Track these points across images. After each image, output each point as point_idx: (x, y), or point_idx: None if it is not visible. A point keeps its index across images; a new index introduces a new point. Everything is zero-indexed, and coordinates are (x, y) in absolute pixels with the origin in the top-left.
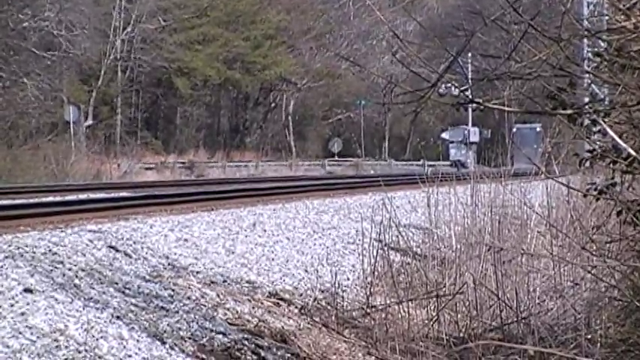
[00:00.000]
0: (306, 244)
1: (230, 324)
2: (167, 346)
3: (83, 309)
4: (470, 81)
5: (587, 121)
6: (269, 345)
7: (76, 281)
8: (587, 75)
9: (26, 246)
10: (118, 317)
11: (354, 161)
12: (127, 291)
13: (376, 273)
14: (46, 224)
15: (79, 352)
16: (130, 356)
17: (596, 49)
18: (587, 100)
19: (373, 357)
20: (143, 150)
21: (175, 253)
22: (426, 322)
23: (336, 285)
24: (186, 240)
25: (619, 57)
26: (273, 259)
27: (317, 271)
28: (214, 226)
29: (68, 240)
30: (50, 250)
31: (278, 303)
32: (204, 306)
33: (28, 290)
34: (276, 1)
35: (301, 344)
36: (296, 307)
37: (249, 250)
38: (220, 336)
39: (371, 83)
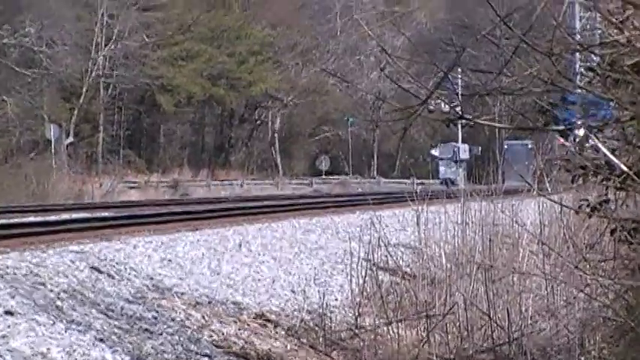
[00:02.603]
0: (293, 264)
1: (216, 346)
2: None
3: (65, 331)
4: (460, 97)
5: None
6: None
7: (58, 303)
8: (579, 90)
9: (7, 267)
10: (101, 340)
11: (342, 179)
12: (110, 313)
13: (365, 293)
14: (27, 245)
15: None
16: None
17: (588, 64)
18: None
19: None
20: (126, 169)
21: (159, 274)
22: (416, 343)
23: (324, 306)
24: (170, 260)
25: (612, 71)
26: (259, 280)
27: (304, 292)
28: (199, 246)
29: (50, 261)
30: (31, 272)
31: (264, 324)
32: (189, 328)
33: (8, 312)
34: (261, 16)
35: None
36: (283, 329)
37: (235, 271)
38: (206, 358)
39: (359, 99)
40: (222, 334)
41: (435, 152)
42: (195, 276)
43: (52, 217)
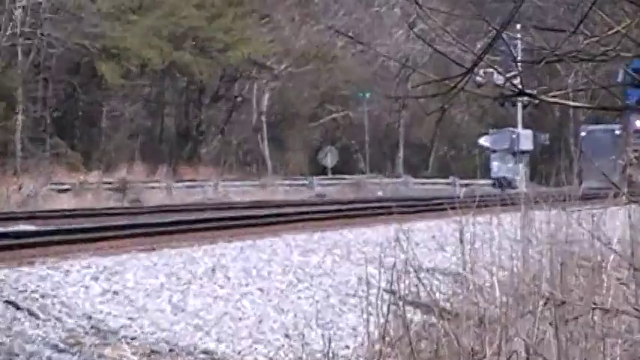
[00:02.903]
0: (287, 297)
1: None
2: None
3: None
4: (519, 65)
5: None
6: None
7: None
8: None
9: None
10: None
11: (356, 179)
12: None
13: (387, 338)
14: None
15: None
16: None
17: None
18: None
19: None
20: (54, 164)
21: (101, 312)
22: None
23: (330, 355)
24: (115, 292)
25: None
26: (240, 319)
27: (303, 336)
28: (156, 273)
29: None
30: None
31: None
32: None
33: None
34: None
35: None
36: None
37: (206, 307)
38: None
39: (379, 68)
40: None
41: (484, 142)
42: (150, 314)
43: None
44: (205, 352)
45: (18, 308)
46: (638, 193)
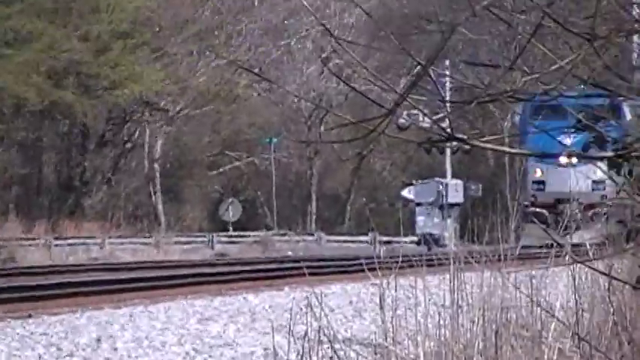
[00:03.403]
0: None
1: None
2: None
3: None
4: (448, 106)
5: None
6: None
7: None
8: (638, 94)
9: None
10: None
11: (261, 236)
12: None
13: None
14: None
15: None
16: None
17: None
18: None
19: None
20: None
21: None
22: None
23: None
24: None
25: None
26: None
27: None
28: (33, 344)
29: None
30: None
31: None
32: None
33: None
34: None
35: None
36: None
37: None
38: None
39: (288, 109)
40: None
41: (408, 193)
42: None
43: None
44: None
45: None
46: (583, 252)
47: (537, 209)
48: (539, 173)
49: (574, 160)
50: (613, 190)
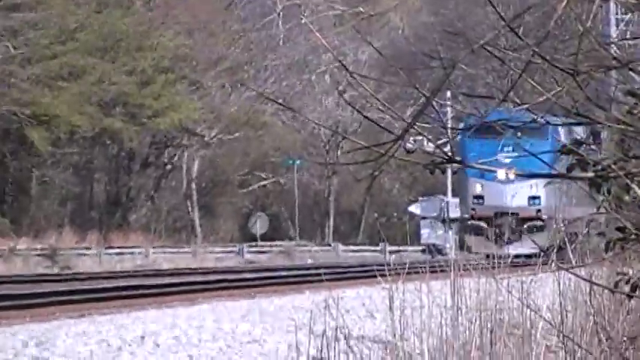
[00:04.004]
0: None
1: None
2: None
3: None
4: (450, 132)
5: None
6: None
7: None
8: (615, 123)
9: None
10: None
11: (285, 247)
12: None
13: None
14: None
15: None
16: None
17: (628, 86)
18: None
19: None
20: None
21: None
22: None
23: None
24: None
25: None
26: None
27: None
28: (86, 340)
29: None
30: None
31: None
32: None
33: None
34: (173, 18)
35: None
36: None
37: None
38: None
39: (309, 135)
40: None
41: (414, 209)
42: None
43: None
44: None
45: None
46: (567, 260)
47: (477, 222)
48: (479, 188)
49: (511, 176)
50: (547, 204)
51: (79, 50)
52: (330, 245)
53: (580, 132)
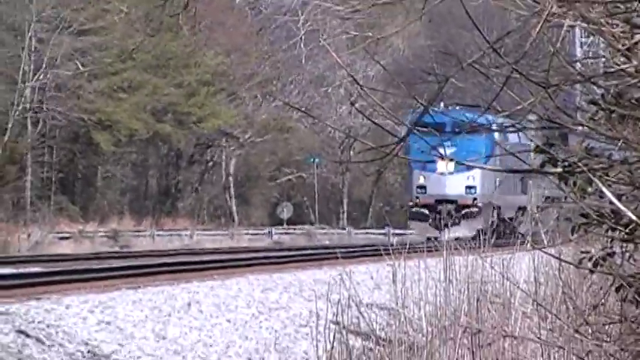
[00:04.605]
0: (250, 327)
1: None
2: None
3: None
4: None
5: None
6: None
7: None
8: (580, 127)
9: None
10: None
11: (307, 229)
12: None
13: None
14: None
15: None
16: None
17: (591, 97)
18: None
19: None
20: (58, 217)
21: (96, 339)
22: None
23: None
24: (108, 323)
25: (618, 106)
26: (211, 345)
27: None
28: (142, 307)
29: None
30: None
31: None
32: None
33: None
34: (214, 41)
35: None
36: None
37: (183, 335)
38: None
39: (326, 138)
40: None
41: None
42: (137, 341)
43: None
44: None
45: (27, 336)
46: (540, 241)
47: (420, 209)
48: (422, 179)
49: (450, 168)
50: (482, 193)
51: (136, 67)
52: (344, 229)
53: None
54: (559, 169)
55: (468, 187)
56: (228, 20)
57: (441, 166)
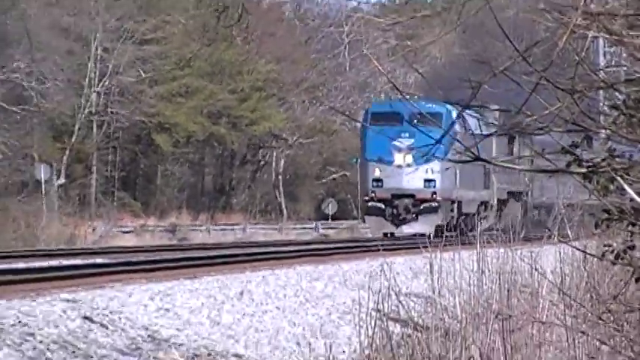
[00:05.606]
0: (298, 314)
1: None
2: None
3: None
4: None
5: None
6: None
7: (48, 354)
8: (603, 130)
9: None
10: None
11: (350, 224)
12: None
13: (374, 345)
14: (15, 293)
15: None
16: None
17: (613, 102)
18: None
19: None
20: (121, 212)
21: (156, 324)
22: None
23: (331, 358)
24: (167, 310)
25: (638, 110)
26: (262, 331)
27: (309, 344)
28: (198, 295)
29: (39, 310)
30: (20, 321)
31: None
32: None
33: None
34: (265, 50)
35: None
36: None
37: (236, 321)
38: None
39: None
40: None
41: None
42: (193, 326)
43: (42, 264)
44: (235, 355)
45: (92, 322)
46: (565, 235)
47: (376, 203)
48: (377, 172)
49: (408, 160)
50: (442, 187)
51: (193, 74)
52: None
53: (472, 122)
54: (584, 169)
55: (427, 181)
56: (278, 31)
57: (399, 158)
